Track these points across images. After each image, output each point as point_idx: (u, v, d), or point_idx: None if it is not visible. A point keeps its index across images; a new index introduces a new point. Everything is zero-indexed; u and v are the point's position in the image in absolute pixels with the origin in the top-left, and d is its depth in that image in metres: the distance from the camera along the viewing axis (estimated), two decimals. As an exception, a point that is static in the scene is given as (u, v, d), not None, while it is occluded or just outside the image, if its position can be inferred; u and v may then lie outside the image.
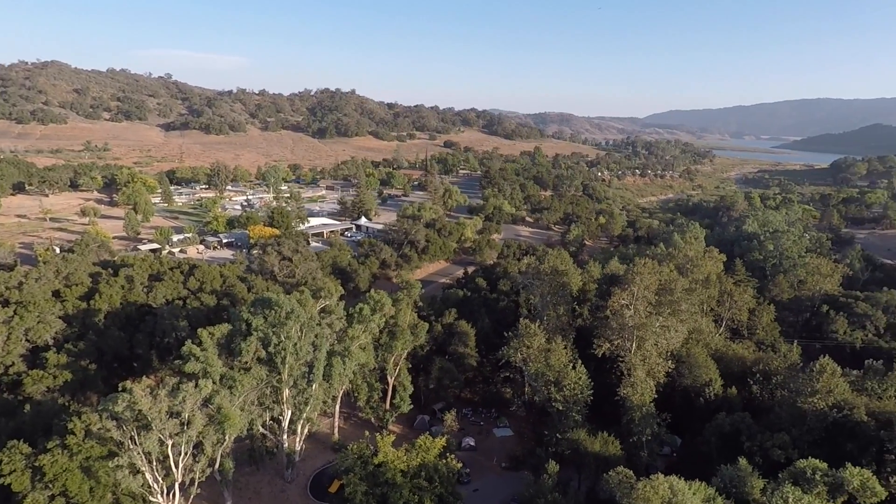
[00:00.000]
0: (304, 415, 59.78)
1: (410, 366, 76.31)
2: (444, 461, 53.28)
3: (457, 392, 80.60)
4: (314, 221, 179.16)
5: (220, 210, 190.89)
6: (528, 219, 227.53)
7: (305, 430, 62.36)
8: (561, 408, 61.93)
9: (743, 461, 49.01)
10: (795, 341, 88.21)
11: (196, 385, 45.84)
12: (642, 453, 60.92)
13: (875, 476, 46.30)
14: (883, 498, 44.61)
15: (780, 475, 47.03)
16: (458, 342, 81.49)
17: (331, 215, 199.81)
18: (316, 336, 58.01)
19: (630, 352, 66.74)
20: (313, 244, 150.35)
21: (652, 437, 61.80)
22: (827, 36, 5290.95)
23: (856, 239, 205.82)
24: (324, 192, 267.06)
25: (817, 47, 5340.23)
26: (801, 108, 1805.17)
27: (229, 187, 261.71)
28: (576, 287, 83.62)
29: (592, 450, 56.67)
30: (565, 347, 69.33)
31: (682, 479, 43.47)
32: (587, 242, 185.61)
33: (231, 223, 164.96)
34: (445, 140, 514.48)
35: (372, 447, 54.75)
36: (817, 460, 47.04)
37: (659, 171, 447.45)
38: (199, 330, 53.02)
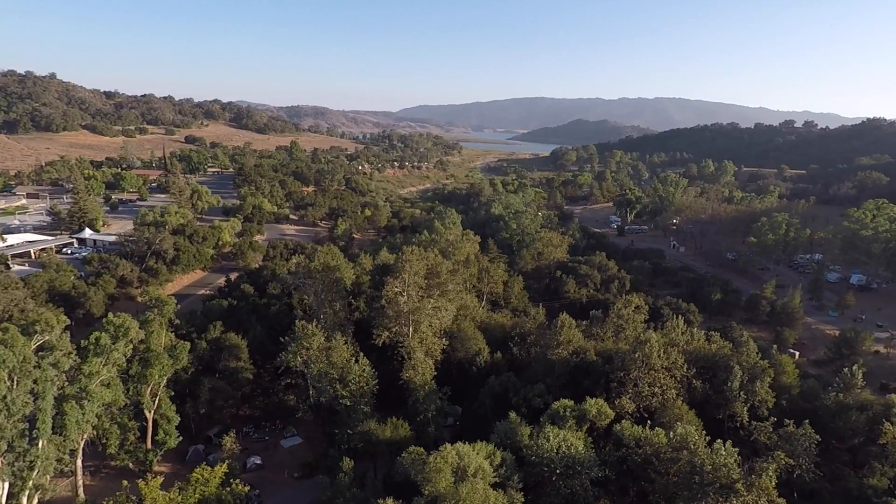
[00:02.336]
0: (31, 482, 47.25)
1: (173, 393, 66.66)
2: (228, 489, 48.42)
3: (234, 411, 73.53)
4: (14, 239, 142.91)
5: None
6: (292, 216, 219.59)
7: (35, 501, 49.55)
8: (349, 403, 61.13)
9: (512, 415, 55.13)
10: (541, 304, 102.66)
11: None
12: (430, 429, 63.87)
13: (606, 402, 56.78)
14: (612, 417, 55.07)
15: (541, 419, 54.28)
16: (228, 357, 74.14)
17: (39, 230, 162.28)
18: (35, 381, 46.11)
19: (408, 336, 69.39)
20: (17, 268, 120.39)
21: (436, 411, 65.17)
22: (540, 44, 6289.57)
23: (574, 214, 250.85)
24: (24, 201, 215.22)
25: (535, 53, 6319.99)
26: (525, 105, 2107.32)
27: None
28: (349, 281, 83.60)
29: (384, 437, 57.23)
30: (346, 342, 68.69)
31: (467, 443, 46.78)
32: (356, 236, 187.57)
33: None
34: (187, 135, 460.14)
35: (135, 497, 46.80)
36: (566, 400, 55.62)
37: (416, 163, 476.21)
38: None
